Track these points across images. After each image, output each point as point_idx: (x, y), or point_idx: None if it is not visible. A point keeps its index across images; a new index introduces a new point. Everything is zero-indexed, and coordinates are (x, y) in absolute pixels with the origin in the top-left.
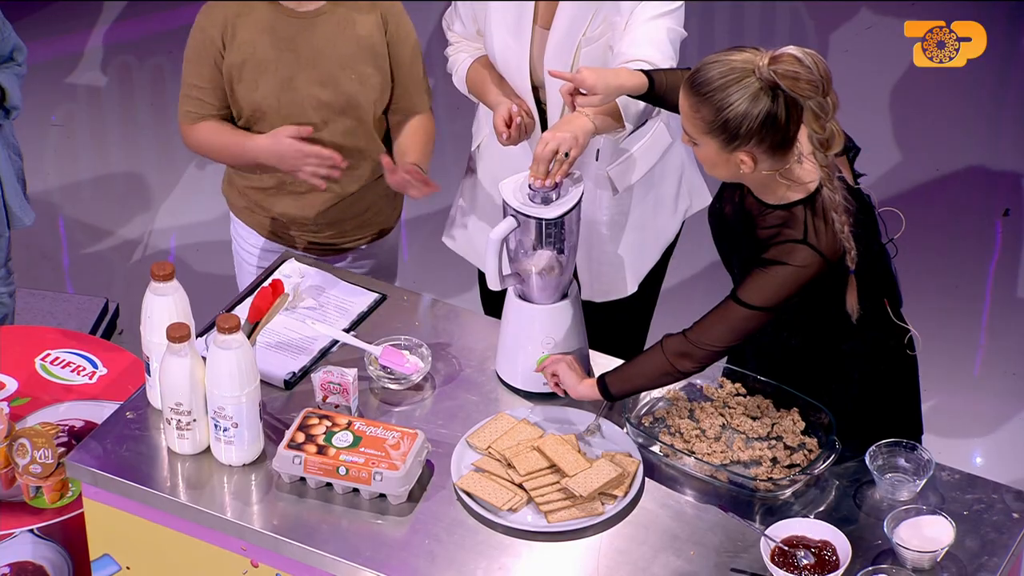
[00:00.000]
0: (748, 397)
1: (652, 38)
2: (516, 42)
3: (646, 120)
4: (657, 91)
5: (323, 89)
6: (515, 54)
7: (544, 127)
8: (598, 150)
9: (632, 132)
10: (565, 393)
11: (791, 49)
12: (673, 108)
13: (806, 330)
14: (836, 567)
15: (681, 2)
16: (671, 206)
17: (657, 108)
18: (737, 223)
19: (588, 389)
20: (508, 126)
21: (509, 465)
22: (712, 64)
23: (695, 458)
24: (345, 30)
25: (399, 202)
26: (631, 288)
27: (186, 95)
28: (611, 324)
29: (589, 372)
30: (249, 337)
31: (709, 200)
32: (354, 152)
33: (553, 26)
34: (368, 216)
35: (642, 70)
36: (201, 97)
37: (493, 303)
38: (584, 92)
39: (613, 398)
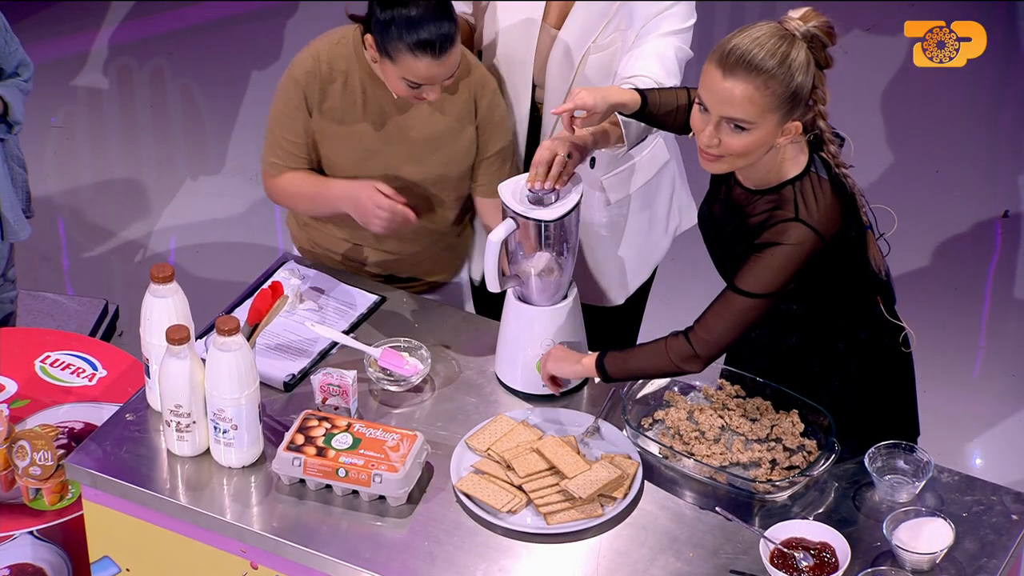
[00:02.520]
0: (747, 399)
1: (659, 54)
2: (523, 38)
3: (645, 137)
4: (650, 109)
5: (405, 166)
6: (520, 50)
7: (538, 126)
8: (594, 158)
9: (630, 149)
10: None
11: (798, 9)
12: (664, 127)
13: (803, 328)
14: (835, 569)
15: (691, 22)
16: (663, 223)
17: None
18: (727, 218)
19: (585, 370)
20: None
21: (508, 467)
22: (754, 41)
23: (694, 460)
24: (435, 111)
25: (458, 259)
26: (618, 300)
27: (273, 146)
28: (597, 334)
29: None
30: (249, 339)
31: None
32: (425, 221)
33: (564, 28)
34: (423, 268)
35: (636, 88)
36: (290, 151)
37: (486, 303)
38: (578, 114)
39: (609, 380)
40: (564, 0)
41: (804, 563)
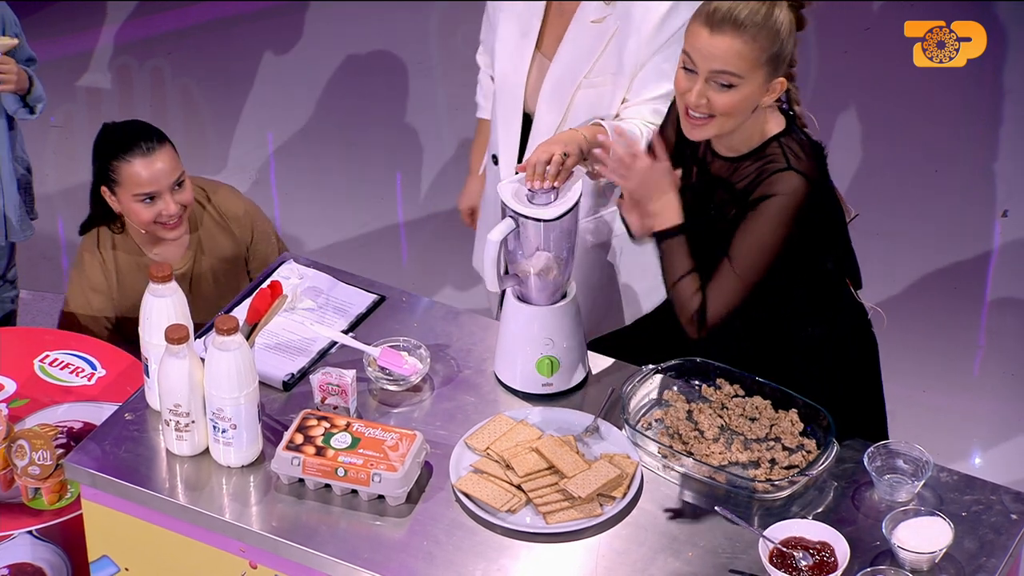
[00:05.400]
0: (746, 398)
1: (653, 111)
2: (515, 66)
3: None
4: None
5: None
6: (512, 73)
7: (521, 157)
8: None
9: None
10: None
11: None
12: None
13: (777, 315)
14: (834, 568)
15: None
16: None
17: None
18: (704, 196)
19: (667, 210)
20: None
21: (508, 466)
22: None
23: (694, 459)
24: (211, 274)
25: None
26: (627, 320)
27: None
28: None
29: (587, 373)
30: (248, 338)
31: None
32: None
33: (555, 59)
34: None
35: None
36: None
37: None
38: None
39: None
40: (558, 22)
41: (803, 563)
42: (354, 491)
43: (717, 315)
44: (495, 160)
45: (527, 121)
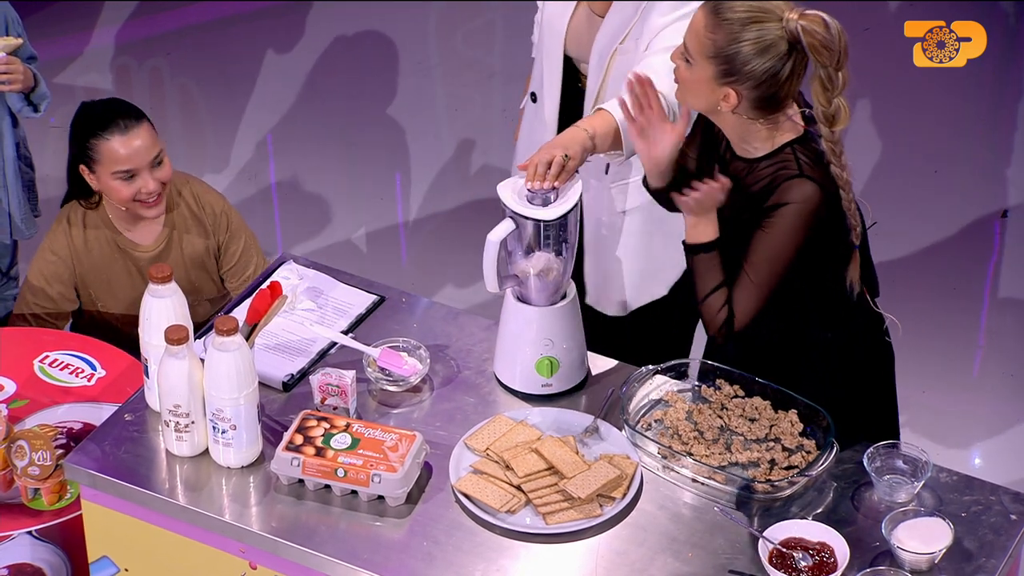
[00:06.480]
0: (746, 399)
1: (663, 67)
2: (561, 9)
3: None
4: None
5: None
6: (557, 22)
7: (578, 98)
8: (608, 165)
9: (629, 158)
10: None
11: (821, 12)
12: None
13: (787, 319)
14: (834, 569)
15: None
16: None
17: None
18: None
19: (704, 224)
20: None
21: (507, 467)
22: None
23: (693, 460)
24: (182, 261)
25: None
26: (616, 311)
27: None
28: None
29: (587, 374)
30: (247, 339)
31: None
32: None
33: (604, 22)
34: None
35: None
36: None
37: None
38: None
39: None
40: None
41: (803, 563)
42: (354, 492)
43: (743, 325)
44: (533, 98)
45: (569, 64)
